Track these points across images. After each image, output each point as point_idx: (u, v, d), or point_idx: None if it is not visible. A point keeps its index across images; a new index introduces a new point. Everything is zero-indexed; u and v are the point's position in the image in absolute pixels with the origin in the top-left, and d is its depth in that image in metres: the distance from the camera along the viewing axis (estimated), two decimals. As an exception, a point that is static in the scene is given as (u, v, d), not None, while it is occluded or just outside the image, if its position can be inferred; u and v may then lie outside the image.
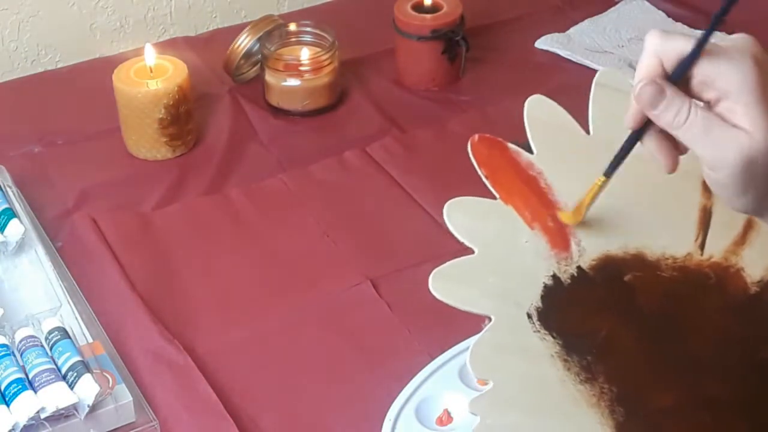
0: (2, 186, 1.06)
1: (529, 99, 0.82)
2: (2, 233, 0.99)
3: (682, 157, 0.70)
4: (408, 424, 0.84)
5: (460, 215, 0.76)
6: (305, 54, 1.23)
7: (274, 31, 1.25)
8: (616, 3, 1.44)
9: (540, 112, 0.81)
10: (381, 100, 1.27)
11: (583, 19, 1.40)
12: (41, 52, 1.36)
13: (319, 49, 1.23)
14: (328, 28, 1.24)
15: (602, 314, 0.76)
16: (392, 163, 1.15)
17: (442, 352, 0.89)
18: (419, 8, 1.27)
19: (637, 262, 0.78)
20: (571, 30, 1.38)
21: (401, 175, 1.13)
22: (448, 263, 0.73)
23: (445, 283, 0.73)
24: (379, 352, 0.93)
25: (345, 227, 1.07)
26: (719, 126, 0.65)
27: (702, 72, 0.66)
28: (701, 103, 0.66)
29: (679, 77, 0.67)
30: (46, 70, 1.35)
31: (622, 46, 1.35)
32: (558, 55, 1.33)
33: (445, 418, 0.85)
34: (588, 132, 0.82)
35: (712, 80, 0.65)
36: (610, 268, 0.77)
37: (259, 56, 1.24)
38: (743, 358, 0.78)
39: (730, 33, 1.35)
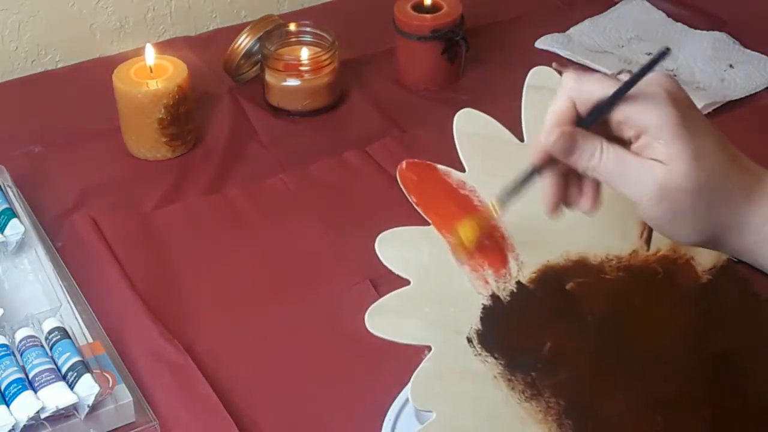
0: (2, 186, 1.06)
1: (457, 114, 0.80)
2: (2, 233, 0.99)
3: None
4: (408, 424, 0.84)
5: (392, 247, 0.74)
6: (305, 54, 1.23)
7: (274, 31, 1.25)
8: (616, 3, 1.44)
9: (469, 127, 0.80)
10: (381, 100, 1.27)
11: (583, 19, 1.40)
12: (41, 52, 1.36)
13: (319, 49, 1.23)
14: (328, 28, 1.24)
15: (545, 327, 0.74)
16: (392, 163, 1.15)
17: (442, 352, 0.89)
18: (419, 8, 1.27)
19: (579, 268, 0.77)
20: (571, 30, 1.38)
21: (401, 175, 1.13)
22: (383, 297, 0.72)
23: (382, 319, 0.71)
24: (379, 352, 0.92)
25: (345, 227, 1.06)
26: (633, 161, 0.66)
27: (619, 113, 0.66)
28: (615, 144, 0.67)
29: (593, 124, 0.67)
30: (46, 70, 1.35)
31: (622, 46, 1.35)
32: (558, 56, 1.33)
33: (445, 418, 0.85)
34: (522, 139, 0.80)
35: (628, 119, 0.66)
36: (550, 279, 0.75)
37: (259, 56, 1.24)
38: (694, 355, 0.76)
39: (730, 33, 1.35)
